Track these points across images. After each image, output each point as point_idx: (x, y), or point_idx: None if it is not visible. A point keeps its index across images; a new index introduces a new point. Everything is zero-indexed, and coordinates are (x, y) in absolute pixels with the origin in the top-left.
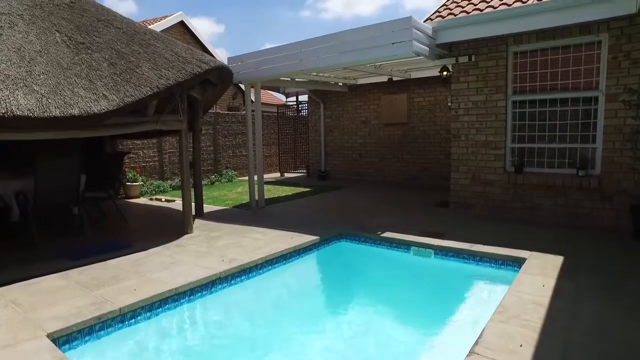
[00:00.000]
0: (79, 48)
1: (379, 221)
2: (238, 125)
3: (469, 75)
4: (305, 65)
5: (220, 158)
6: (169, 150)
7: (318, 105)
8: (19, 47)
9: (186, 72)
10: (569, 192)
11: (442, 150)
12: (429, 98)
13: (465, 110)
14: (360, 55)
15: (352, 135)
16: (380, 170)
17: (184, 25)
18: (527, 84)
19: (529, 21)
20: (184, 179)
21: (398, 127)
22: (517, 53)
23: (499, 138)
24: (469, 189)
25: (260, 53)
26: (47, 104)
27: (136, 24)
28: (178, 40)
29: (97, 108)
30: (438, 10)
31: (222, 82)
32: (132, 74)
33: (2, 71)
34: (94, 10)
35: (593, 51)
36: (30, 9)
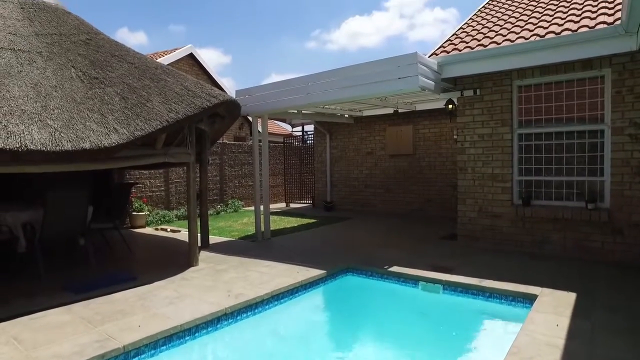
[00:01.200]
0: (92, 83)
1: (386, 254)
2: (244, 155)
3: (475, 108)
4: (313, 99)
5: (226, 188)
6: (176, 180)
7: (324, 136)
8: (36, 82)
9: (195, 106)
10: (578, 225)
11: (448, 181)
12: (434, 129)
13: (471, 143)
14: (367, 90)
15: (357, 166)
16: (386, 201)
17: (193, 57)
18: (532, 117)
19: (532, 57)
20: (190, 211)
21: (404, 159)
22: (522, 87)
23: (505, 171)
24: (477, 221)
25: (268, 86)
26: (60, 138)
27: (148, 58)
28: (187, 72)
29: (108, 142)
30: (442, 45)
31: (231, 115)
32: (142, 107)
33: (19, 106)
34: (108, 47)
35: (597, 85)
36: (49, 46)
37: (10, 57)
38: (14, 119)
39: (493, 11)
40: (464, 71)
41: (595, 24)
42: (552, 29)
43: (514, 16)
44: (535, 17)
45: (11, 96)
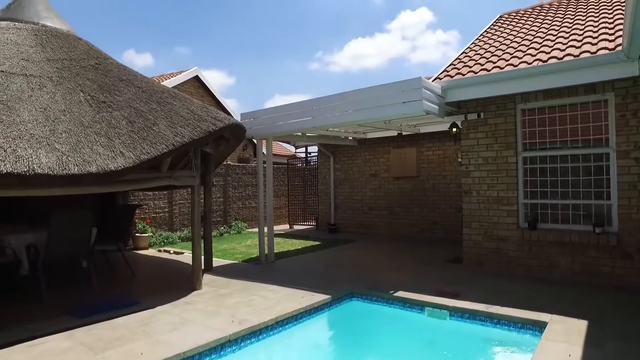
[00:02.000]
0: (100, 106)
1: (391, 278)
2: (248, 177)
3: (479, 131)
4: (318, 123)
5: (229, 209)
6: (179, 201)
7: (328, 158)
8: (45, 106)
9: (201, 129)
10: (586, 250)
11: (453, 203)
12: (438, 152)
13: (476, 166)
14: (371, 113)
15: (361, 189)
16: (390, 223)
17: (199, 79)
18: (536, 140)
19: (535, 82)
20: (194, 233)
21: (408, 181)
22: (525, 110)
23: (510, 194)
24: (482, 245)
25: (273, 110)
26: (67, 161)
27: (155, 82)
28: (192, 93)
29: (114, 165)
30: (446, 69)
31: (236, 138)
32: (149, 131)
33: (28, 130)
34: (116, 71)
35: (600, 109)
36: (59, 71)
37: (22, 83)
38: (23, 143)
39: (495, 36)
40: (467, 95)
41: (597, 49)
42: (554, 54)
43: (515, 41)
44: (537, 42)
45: (21, 120)
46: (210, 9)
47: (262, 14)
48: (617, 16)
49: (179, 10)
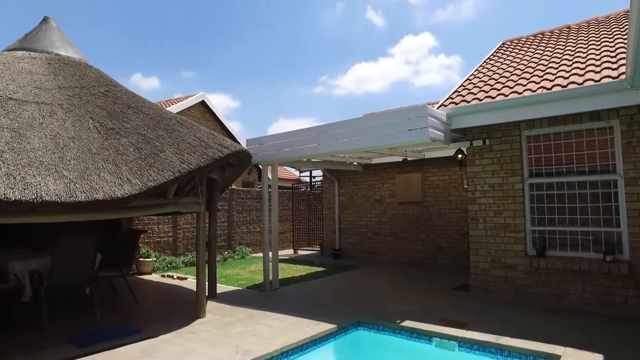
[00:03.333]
0: (108, 133)
1: (397, 306)
2: (253, 201)
3: (484, 158)
4: (323, 149)
5: (233, 234)
6: (184, 226)
7: (332, 182)
8: (55, 134)
9: (207, 156)
10: (597, 278)
11: (458, 229)
12: (444, 177)
13: (482, 193)
14: (377, 141)
15: (366, 214)
16: (395, 249)
17: (205, 104)
18: (543, 167)
19: (539, 109)
20: (199, 260)
21: (413, 206)
22: (530, 137)
23: (518, 221)
24: (490, 272)
25: (279, 136)
26: (74, 189)
27: (163, 109)
28: (198, 117)
29: (121, 192)
30: (450, 96)
31: (241, 164)
32: (156, 158)
33: (38, 157)
34: (125, 98)
35: (606, 136)
36: (70, 99)
37: (34, 110)
38: (32, 170)
39: (498, 63)
40: (472, 122)
41: (601, 77)
42: (558, 82)
43: (518, 68)
44: (540, 70)
45: (31, 148)
46: (216, 34)
47: (267, 40)
48: (617, 44)
49: (185, 36)
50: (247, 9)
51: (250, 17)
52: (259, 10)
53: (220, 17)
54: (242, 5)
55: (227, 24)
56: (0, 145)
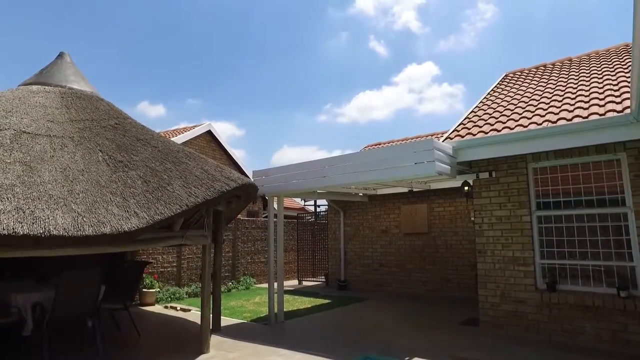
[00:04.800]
0: (117, 166)
1: (405, 342)
2: (258, 231)
3: (491, 190)
4: (329, 182)
5: (238, 264)
6: (188, 256)
7: (338, 213)
8: (65, 167)
9: (215, 190)
10: (612, 314)
11: (466, 261)
12: (450, 208)
13: (489, 225)
14: (383, 174)
15: (372, 245)
16: (401, 280)
17: (211, 133)
18: (550, 199)
19: (545, 142)
20: (204, 293)
21: (419, 237)
22: (537, 169)
23: (526, 254)
24: (500, 307)
25: (285, 168)
26: (82, 222)
27: (171, 142)
28: (204, 147)
29: (128, 226)
30: (456, 129)
31: (247, 196)
32: (163, 191)
33: (47, 191)
34: (134, 131)
35: (613, 168)
36: (81, 131)
37: (45, 143)
38: (41, 204)
39: (502, 95)
40: (479, 155)
41: (605, 111)
42: (563, 115)
43: (522, 100)
44: (544, 103)
45: (41, 181)
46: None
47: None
48: (619, 77)
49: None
50: (252, 38)
51: (255, 47)
52: (263, 39)
53: (225, 47)
54: (247, 35)
55: (233, 53)
56: (12, 178)
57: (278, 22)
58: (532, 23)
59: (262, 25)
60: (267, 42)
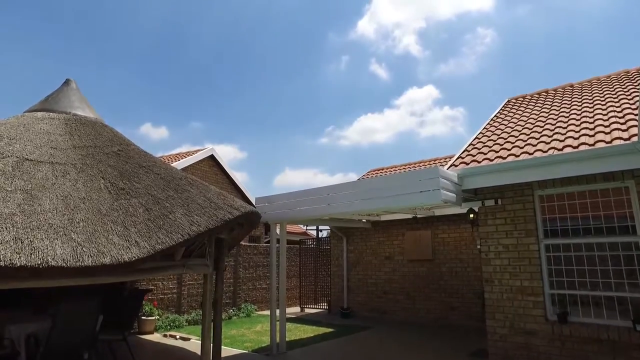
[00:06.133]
0: (119, 194)
1: None
2: (260, 256)
3: (497, 218)
4: (334, 210)
5: (239, 291)
6: (189, 282)
7: (341, 239)
8: (66, 194)
9: (217, 218)
10: (628, 349)
11: (472, 288)
12: (454, 234)
13: (496, 254)
14: (388, 202)
15: (375, 271)
16: (406, 308)
17: (213, 158)
18: (558, 227)
19: (552, 170)
20: (205, 323)
21: (423, 264)
22: (544, 196)
23: (535, 284)
24: (509, 339)
25: (288, 195)
26: (82, 252)
27: (173, 169)
28: (207, 171)
29: (128, 256)
30: (460, 155)
31: (250, 224)
32: (165, 219)
33: (47, 220)
34: (137, 157)
35: (622, 196)
36: (84, 158)
37: (48, 170)
38: (41, 234)
39: (505, 121)
40: (484, 183)
41: (612, 139)
42: (568, 142)
43: (526, 127)
44: (548, 129)
45: (42, 210)
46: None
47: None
48: (623, 105)
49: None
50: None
51: (257, 70)
52: (266, 63)
53: (228, 71)
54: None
55: (235, 77)
56: (12, 207)
57: (280, 46)
58: (531, 47)
59: (265, 49)
60: (269, 66)
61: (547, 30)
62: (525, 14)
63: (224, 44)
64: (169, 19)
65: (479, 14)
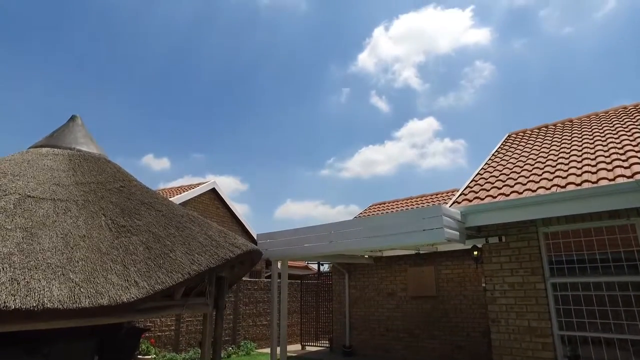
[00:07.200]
0: (120, 231)
1: None
2: (260, 292)
3: (501, 255)
4: (336, 247)
5: (239, 327)
6: (188, 319)
7: (343, 275)
8: (66, 232)
9: (218, 257)
10: None
11: (477, 327)
12: (458, 270)
13: (502, 293)
14: (392, 241)
15: (378, 308)
16: (409, 347)
17: (215, 191)
18: (564, 265)
19: (555, 208)
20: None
21: (426, 301)
22: (548, 234)
23: (543, 324)
24: None
25: (290, 232)
26: (79, 293)
27: (175, 206)
28: (208, 204)
29: (127, 297)
30: (463, 192)
31: (252, 261)
32: (165, 258)
33: (46, 259)
34: (139, 194)
35: (628, 234)
36: (85, 194)
37: (49, 208)
38: (38, 274)
39: (507, 156)
40: (487, 220)
41: (615, 176)
42: (571, 180)
43: (528, 163)
44: (551, 165)
45: (41, 248)
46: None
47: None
48: (624, 141)
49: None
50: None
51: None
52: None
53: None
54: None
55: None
56: (11, 246)
57: (282, 78)
58: (529, 80)
59: (267, 80)
60: (271, 97)
61: (544, 62)
62: (521, 47)
63: (226, 75)
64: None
65: (477, 48)
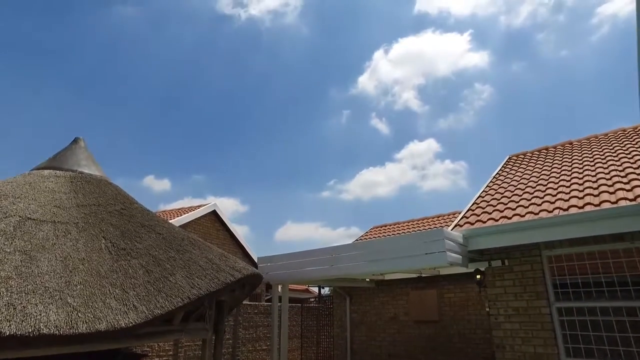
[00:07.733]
0: (119, 254)
1: None
2: (260, 316)
3: (505, 279)
4: (337, 272)
5: (238, 352)
6: (186, 344)
7: (344, 299)
8: (66, 255)
9: (219, 281)
10: None
11: (481, 352)
12: (461, 294)
13: (506, 317)
14: (393, 265)
15: (380, 332)
16: None
17: (215, 213)
18: (569, 289)
19: (557, 231)
20: None
21: (429, 325)
22: (552, 257)
23: (550, 350)
24: None
25: (291, 256)
26: (76, 319)
27: (176, 228)
28: (209, 226)
29: (125, 321)
30: (465, 215)
31: (252, 285)
32: (165, 282)
33: (44, 283)
34: (139, 216)
35: (633, 257)
36: (86, 217)
37: (49, 230)
38: (35, 298)
39: (508, 178)
40: (490, 244)
41: (617, 199)
42: (573, 202)
43: (530, 185)
44: (552, 188)
45: (39, 272)
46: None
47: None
48: (624, 164)
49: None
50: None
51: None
52: (268, 117)
53: (230, 124)
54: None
55: (237, 132)
56: (9, 270)
57: (283, 100)
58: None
59: (268, 102)
60: (271, 119)
61: (542, 84)
62: (520, 70)
63: (228, 98)
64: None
65: (476, 70)
